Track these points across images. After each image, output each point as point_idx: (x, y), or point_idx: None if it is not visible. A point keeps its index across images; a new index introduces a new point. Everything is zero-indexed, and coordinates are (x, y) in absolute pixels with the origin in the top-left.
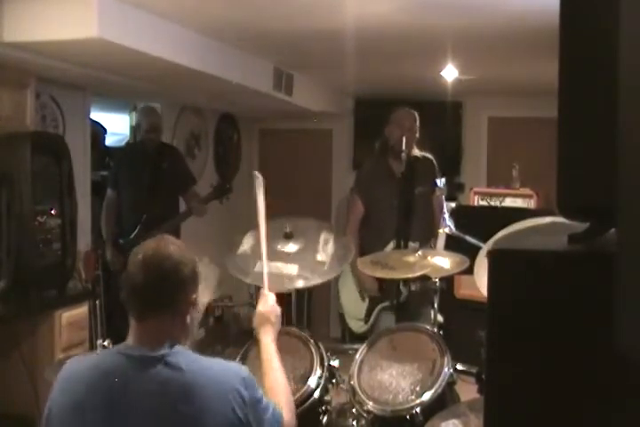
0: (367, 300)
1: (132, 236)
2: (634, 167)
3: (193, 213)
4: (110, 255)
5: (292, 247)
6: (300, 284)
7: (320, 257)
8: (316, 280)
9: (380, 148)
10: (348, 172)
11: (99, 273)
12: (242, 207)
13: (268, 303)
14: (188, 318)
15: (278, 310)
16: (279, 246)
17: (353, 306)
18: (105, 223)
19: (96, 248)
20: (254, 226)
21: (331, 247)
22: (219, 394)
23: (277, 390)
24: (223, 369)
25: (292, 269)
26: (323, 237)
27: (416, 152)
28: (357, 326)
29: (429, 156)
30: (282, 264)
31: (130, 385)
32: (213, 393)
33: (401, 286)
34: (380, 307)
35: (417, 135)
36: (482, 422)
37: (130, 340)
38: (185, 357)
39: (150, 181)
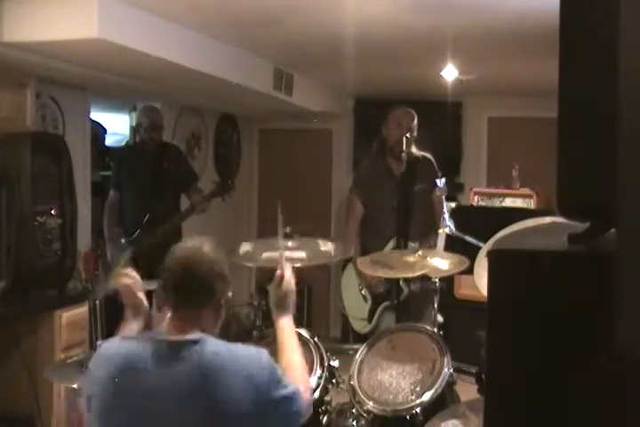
0: (370, 300)
1: (135, 236)
2: (634, 167)
3: (195, 210)
4: (111, 256)
5: (294, 245)
6: (310, 262)
7: (323, 248)
8: (323, 260)
9: (378, 147)
10: (348, 172)
11: (99, 273)
12: (243, 207)
13: (283, 284)
14: (220, 314)
15: (293, 287)
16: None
17: (356, 307)
18: (107, 224)
19: (96, 248)
20: (250, 231)
21: (330, 244)
22: (238, 375)
23: (292, 366)
24: (244, 353)
25: (300, 254)
26: (320, 240)
27: (415, 151)
28: (361, 326)
29: (428, 155)
30: (289, 252)
31: (153, 369)
32: (233, 375)
33: (402, 284)
34: (382, 306)
35: (415, 134)
36: (482, 422)
37: (163, 328)
38: (209, 342)
39: (152, 181)
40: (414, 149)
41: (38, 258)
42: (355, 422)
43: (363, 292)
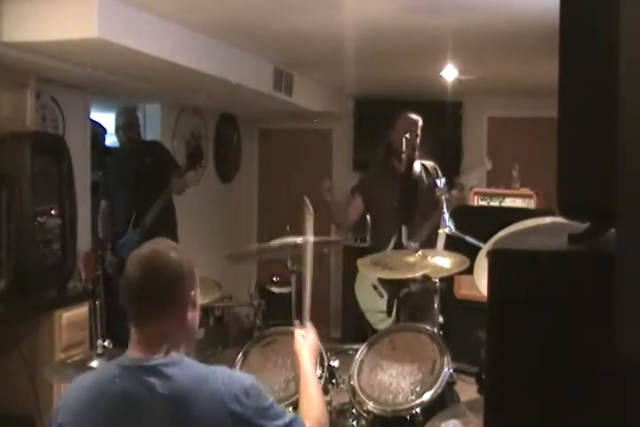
0: (385, 295)
1: (125, 236)
2: (634, 167)
3: (173, 190)
4: (109, 255)
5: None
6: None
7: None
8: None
9: (385, 151)
10: (348, 172)
11: (99, 273)
12: (243, 206)
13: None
14: (190, 318)
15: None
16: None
17: (371, 302)
18: (101, 231)
19: (96, 248)
20: (250, 231)
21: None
22: (213, 405)
23: (310, 407)
24: (221, 380)
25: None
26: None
27: (419, 158)
28: (378, 319)
29: (432, 163)
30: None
31: (123, 398)
32: (207, 405)
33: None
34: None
35: (419, 140)
36: (482, 422)
37: (129, 348)
38: (181, 366)
39: (137, 180)
40: (419, 156)
41: (38, 258)
42: (355, 422)
43: (377, 290)
